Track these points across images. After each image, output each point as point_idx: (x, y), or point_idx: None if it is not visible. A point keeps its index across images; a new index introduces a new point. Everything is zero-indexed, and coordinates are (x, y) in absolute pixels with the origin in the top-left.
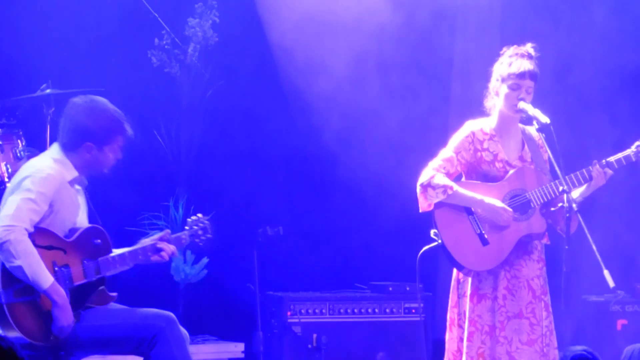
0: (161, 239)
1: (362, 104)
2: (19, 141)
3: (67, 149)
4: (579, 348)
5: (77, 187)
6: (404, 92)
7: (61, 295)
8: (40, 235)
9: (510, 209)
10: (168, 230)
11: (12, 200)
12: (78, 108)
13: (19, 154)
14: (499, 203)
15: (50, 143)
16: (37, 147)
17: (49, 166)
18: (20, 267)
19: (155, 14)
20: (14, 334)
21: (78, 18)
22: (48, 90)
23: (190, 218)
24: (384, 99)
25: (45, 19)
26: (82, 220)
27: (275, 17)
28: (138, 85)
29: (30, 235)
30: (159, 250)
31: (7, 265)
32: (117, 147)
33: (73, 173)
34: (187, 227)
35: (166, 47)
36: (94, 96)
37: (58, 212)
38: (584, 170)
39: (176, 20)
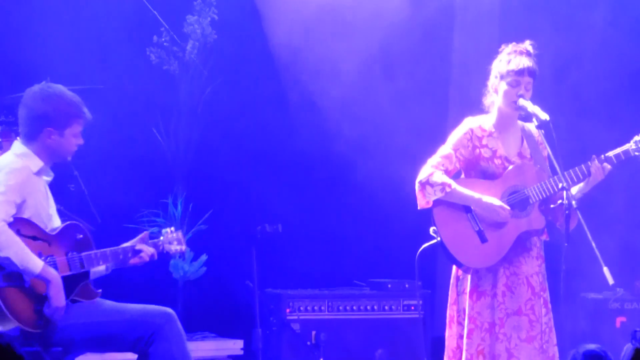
0: (141, 241)
1: (364, 102)
2: (17, 138)
3: (28, 138)
4: (592, 346)
5: (45, 178)
6: (406, 92)
7: (54, 275)
8: (24, 226)
9: (508, 207)
10: (147, 232)
11: None
12: (34, 95)
13: None
14: (496, 201)
15: None
16: None
17: (11, 161)
18: (7, 258)
19: (154, 12)
20: (4, 319)
21: (77, 15)
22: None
23: (164, 229)
24: (385, 95)
25: (44, 16)
26: (52, 212)
27: (274, 14)
28: (137, 82)
29: (14, 224)
30: (138, 252)
31: None
32: (78, 132)
33: (38, 163)
34: (162, 237)
35: (165, 44)
36: (50, 83)
37: (30, 204)
38: (582, 165)
39: (175, 18)
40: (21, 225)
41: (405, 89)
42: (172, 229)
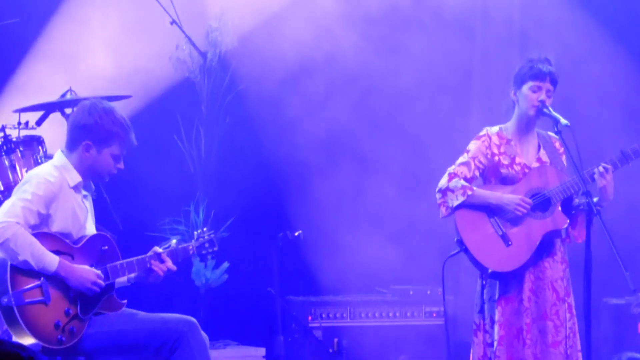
0: (158, 254)
1: (388, 112)
2: (39, 147)
3: (69, 149)
4: (635, 355)
5: (85, 192)
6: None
7: (68, 269)
8: (47, 240)
9: (530, 200)
10: (174, 241)
11: (8, 201)
12: (83, 107)
13: (39, 160)
14: (518, 196)
15: None
16: None
17: (47, 172)
18: (25, 261)
19: (175, 20)
20: (25, 336)
21: (98, 24)
22: (69, 96)
23: (196, 231)
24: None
25: (66, 26)
26: (89, 226)
27: (294, 20)
28: (158, 90)
29: (37, 238)
30: (157, 264)
31: (13, 262)
32: (118, 154)
33: (76, 178)
34: (193, 240)
35: (186, 52)
36: (102, 100)
37: (58, 217)
38: (589, 172)
39: (196, 26)
40: (43, 240)
41: (427, 104)
42: (205, 229)
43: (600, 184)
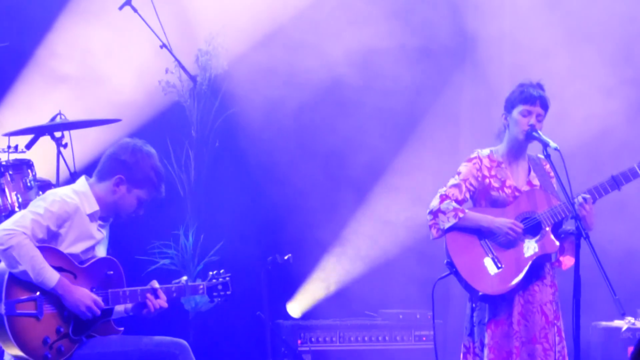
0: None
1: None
2: (29, 171)
3: (99, 177)
4: None
5: (100, 222)
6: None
7: (67, 289)
8: (52, 255)
9: (521, 224)
10: (185, 278)
11: (20, 212)
12: (127, 144)
13: (28, 184)
14: (509, 220)
15: (60, 173)
16: (47, 177)
17: (65, 194)
18: (25, 272)
19: (165, 44)
20: (12, 347)
21: (88, 47)
22: (58, 119)
23: (211, 272)
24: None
25: (55, 50)
26: (99, 253)
27: (285, 44)
28: (148, 114)
29: (43, 253)
30: (151, 298)
31: (12, 271)
32: (145, 198)
33: (94, 206)
34: (207, 280)
35: (176, 76)
36: (147, 144)
37: (68, 238)
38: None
39: (186, 50)
40: (47, 255)
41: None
42: (222, 271)
43: (580, 214)
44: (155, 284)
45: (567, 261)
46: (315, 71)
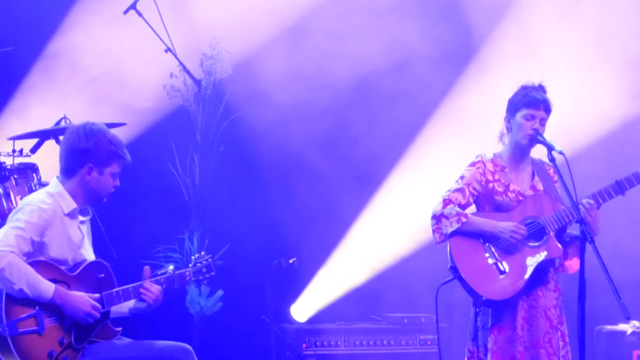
0: (157, 281)
1: (387, 141)
2: (34, 175)
3: (67, 174)
4: None
5: (82, 218)
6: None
7: (65, 297)
8: (43, 269)
9: (525, 227)
10: (171, 267)
11: (1, 230)
12: (77, 132)
13: (33, 188)
14: (512, 223)
15: None
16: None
17: (40, 200)
18: (21, 290)
19: (170, 48)
20: None
21: (92, 51)
22: (63, 124)
23: (194, 256)
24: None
25: (60, 54)
26: (86, 252)
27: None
28: (153, 118)
29: (33, 266)
30: (146, 290)
31: (9, 291)
32: (117, 171)
33: (71, 204)
34: (190, 265)
35: (180, 80)
36: (91, 122)
37: (53, 245)
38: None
39: (191, 54)
40: (38, 269)
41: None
42: (203, 253)
43: (585, 219)
44: (147, 271)
45: (574, 264)
46: (322, 75)
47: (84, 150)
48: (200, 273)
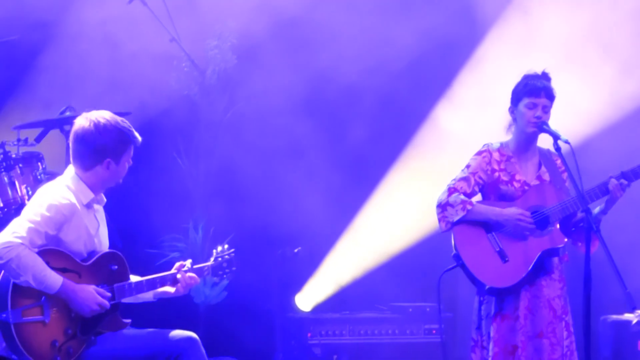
0: (180, 269)
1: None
2: (39, 164)
3: (84, 168)
4: None
5: (97, 206)
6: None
7: (71, 293)
8: (55, 257)
9: (529, 213)
10: (190, 260)
11: (16, 220)
12: (90, 130)
13: (39, 177)
14: (517, 210)
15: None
16: (57, 169)
17: (61, 195)
18: (27, 282)
19: (175, 38)
20: (20, 354)
21: (98, 41)
22: (68, 113)
23: (215, 249)
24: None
25: (65, 43)
26: (103, 238)
27: (294, 39)
28: (157, 107)
29: (43, 256)
30: (177, 281)
31: (15, 281)
32: (131, 156)
33: (89, 195)
34: (212, 259)
35: (185, 69)
36: (97, 112)
37: (70, 237)
38: (601, 184)
39: (195, 43)
40: (50, 257)
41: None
42: (226, 246)
43: (617, 195)
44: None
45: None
46: (326, 66)
47: (102, 147)
48: (220, 268)
